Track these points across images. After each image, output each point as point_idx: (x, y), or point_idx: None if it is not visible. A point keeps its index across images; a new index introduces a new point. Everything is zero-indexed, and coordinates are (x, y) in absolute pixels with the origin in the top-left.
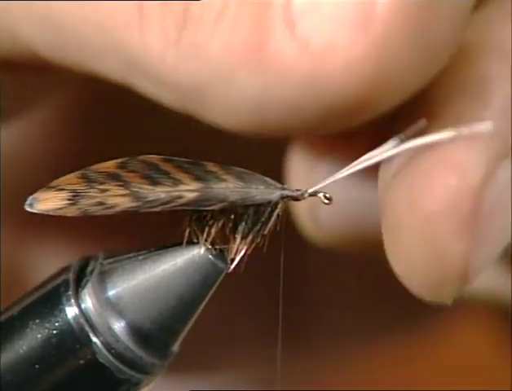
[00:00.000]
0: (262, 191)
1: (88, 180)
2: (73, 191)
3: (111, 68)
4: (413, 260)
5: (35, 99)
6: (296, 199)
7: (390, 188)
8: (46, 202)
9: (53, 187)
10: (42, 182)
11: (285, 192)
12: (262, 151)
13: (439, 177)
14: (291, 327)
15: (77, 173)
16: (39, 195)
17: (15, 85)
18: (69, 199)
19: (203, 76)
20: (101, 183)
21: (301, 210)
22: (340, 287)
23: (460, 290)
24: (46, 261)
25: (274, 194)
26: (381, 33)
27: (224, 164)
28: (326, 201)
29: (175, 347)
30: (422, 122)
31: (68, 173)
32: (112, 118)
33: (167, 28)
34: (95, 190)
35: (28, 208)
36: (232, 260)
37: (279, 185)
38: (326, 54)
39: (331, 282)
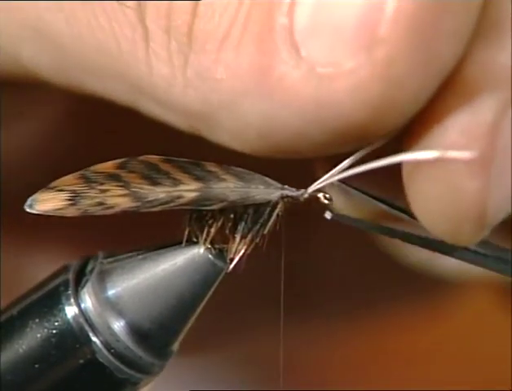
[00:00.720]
0: (261, 190)
1: (88, 181)
2: (73, 191)
3: (115, 92)
4: (430, 200)
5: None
6: (296, 198)
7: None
8: (46, 203)
9: (52, 188)
10: (42, 182)
11: (285, 192)
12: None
13: (450, 116)
14: (296, 295)
15: (77, 173)
16: (38, 195)
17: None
18: (69, 200)
19: (211, 103)
20: (101, 184)
21: None
22: (343, 262)
23: (481, 231)
24: (46, 262)
25: (274, 194)
26: (385, 55)
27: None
28: (326, 201)
29: (175, 346)
30: None
31: (68, 173)
32: (112, 117)
33: (173, 54)
34: (95, 190)
35: (27, 209)
36: (232, 259)
37: (279, 185)
38: (331, 78)
39: (333, 256)
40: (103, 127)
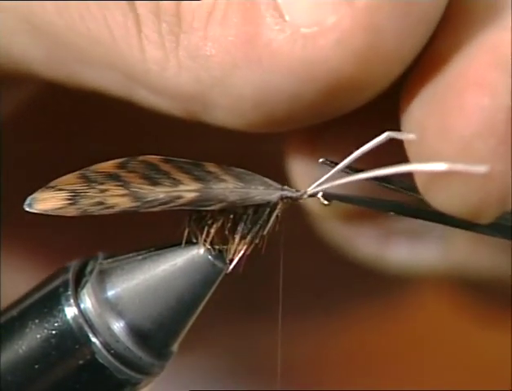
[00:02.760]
0: (261, 191)
1: (87, 180)
2: (73, 190)
3: (110, 82)
4: (452, 187)
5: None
6: (295, 199)
7: (417, 115)
8: (46, 202)
9: (52, 187)
10: (41, 183)
11: (285, 193)
12: (261, 151)
13: (470, 99)
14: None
15: (77, 173)
16: (38, 194)
17: None
18: (69, 199)
19: (203, 81)
20: (100, 183)
21: None
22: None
23: (501, 211)
24: (46, 262)
25: (273, 194)
26: (365, 4)
27: (224, 164)
28: (325, 202)
29: (175, 347)
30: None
31: (65, 172)
32: (112, 117)
33: (164, 36)
34: (95, 190)
35: (27, 208)
36: (231, 260)
37: (278, 185)
38: (316, 36)
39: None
40: (104, 127)
